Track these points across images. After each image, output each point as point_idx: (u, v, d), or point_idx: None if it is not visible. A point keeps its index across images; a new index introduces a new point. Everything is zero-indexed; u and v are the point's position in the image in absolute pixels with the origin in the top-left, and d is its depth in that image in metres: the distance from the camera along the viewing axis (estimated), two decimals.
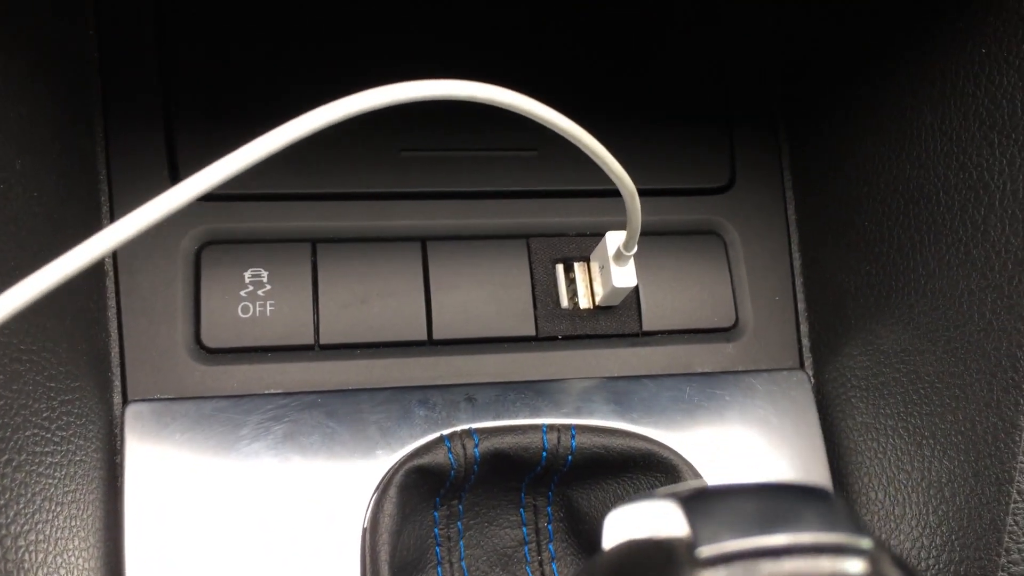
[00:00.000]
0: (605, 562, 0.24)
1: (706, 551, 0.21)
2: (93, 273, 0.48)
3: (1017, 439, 0.42)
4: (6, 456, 0.37)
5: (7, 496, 0.37)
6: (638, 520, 0.23)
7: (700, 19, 0.58)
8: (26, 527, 0.38)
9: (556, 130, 0.38)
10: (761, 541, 0.21)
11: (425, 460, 0.47)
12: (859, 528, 0.21)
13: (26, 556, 0.37)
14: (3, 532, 0.36)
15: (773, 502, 0.21)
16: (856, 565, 0.21)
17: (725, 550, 0.21)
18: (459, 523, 0.50)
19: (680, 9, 0.58)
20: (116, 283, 0.49)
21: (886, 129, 0.51)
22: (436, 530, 0.50)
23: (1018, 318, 0.42)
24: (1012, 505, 0.43)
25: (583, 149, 0.39)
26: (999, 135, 0.44)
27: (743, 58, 0.59)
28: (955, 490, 0.45)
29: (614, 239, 0.50)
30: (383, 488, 0.46)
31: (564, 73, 0.56)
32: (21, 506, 0.37)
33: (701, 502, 0.21)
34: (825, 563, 0.21)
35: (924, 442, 0.47)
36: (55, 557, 0.39)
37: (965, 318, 0.45)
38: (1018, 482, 0.42)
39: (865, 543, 0.21)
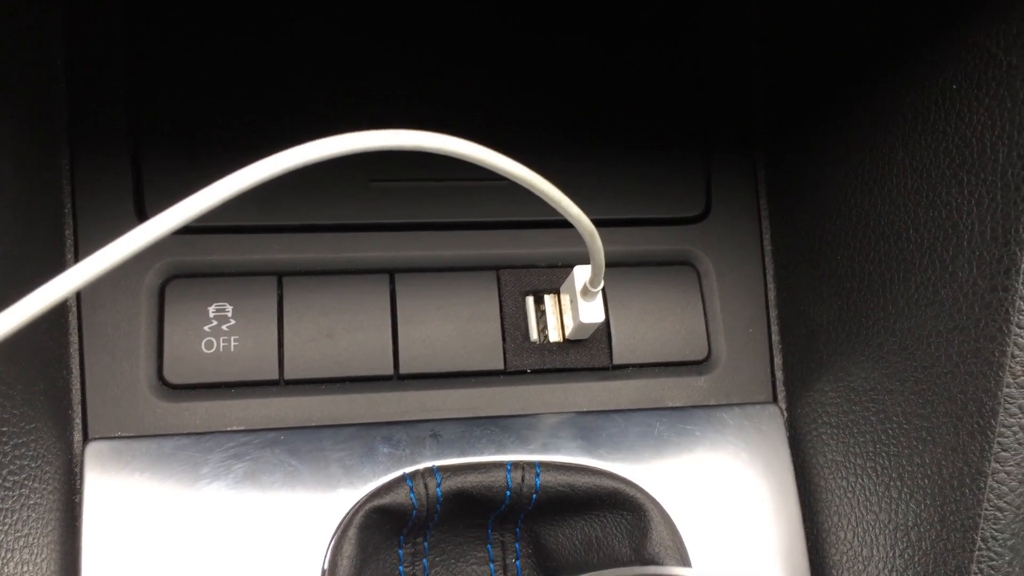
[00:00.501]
0: None
1: None
2: (55, 310, 0.48)
3: (982, 485, 0.42)
4: None
5: None
6: None
7: (677, 43, 0.58)
8: None
9: (506, 175, 0.37)
10: None
11: (386, 500, 0.47)
12: None
13: None
14: None
15: None
16: None
17: None
18: (424, 560, 0.50)
19: (656, 32, 0.57)
20: (79, 319, 0.49)
21: (859, 162, 0.50)
22: (401, 568, 0.49)
23: (984, 362, 0.42)
24: (976, 552, 0.42)
25: (537, 193, 0.39)
26: (968, 174, 0.43)
27: (721, 84, 0.58)
28: (921, 534, 0.45)
29: (582, 274, 0.50)
30: (343, 529, 0.46)
31: (536, 99, 0.55)
32: None
33: None
34: None
35: (892, 484, 0.47)
36: None
37: (933, 359, 0.45)
38: (983, 529, 0.42)
39: None
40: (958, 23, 0.43)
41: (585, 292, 0.49)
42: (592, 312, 0.50)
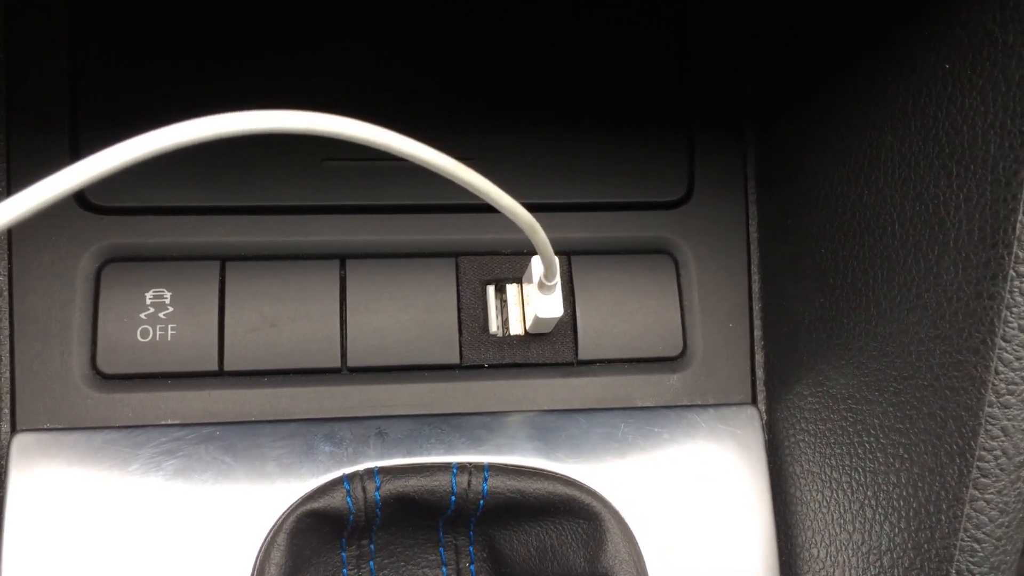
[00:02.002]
0: None
1: None
2: None
3: (959, 513, 0.37)
4: None
5: None
6: None
7: (659, 12, 0.53)
8: None
9: (421, 163, 0.33)
10: None
11: (320, 504, 0.44)
12: None
13: None
14: None
15: None
16: None
17: None
18: (371, 563, 0.47)
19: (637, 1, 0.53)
20: (10, 304, 0.46)
21: (848, 146, 0.45)
22: (345, 571, 0.47)
23: (966, 377, 0.37)
24: None
25: (459, 183, 0.35)
26: (957, 165, 0.38)
27: (707, 58, 0.53)
28: (894, 560, 0.41)
29: (540, 265, 0.46)
30: (273, 535, 0.43)
31: (503, 71, 0.51)
32: None
33: None
34: None
35: (867, 502, 0.43)
36: None
37: (913, 369, 0.40)
38: (958, 561, 0.38)
39: None
40: None
41: (541, 285, 0.46)
42: (549, 306, 0.46)
